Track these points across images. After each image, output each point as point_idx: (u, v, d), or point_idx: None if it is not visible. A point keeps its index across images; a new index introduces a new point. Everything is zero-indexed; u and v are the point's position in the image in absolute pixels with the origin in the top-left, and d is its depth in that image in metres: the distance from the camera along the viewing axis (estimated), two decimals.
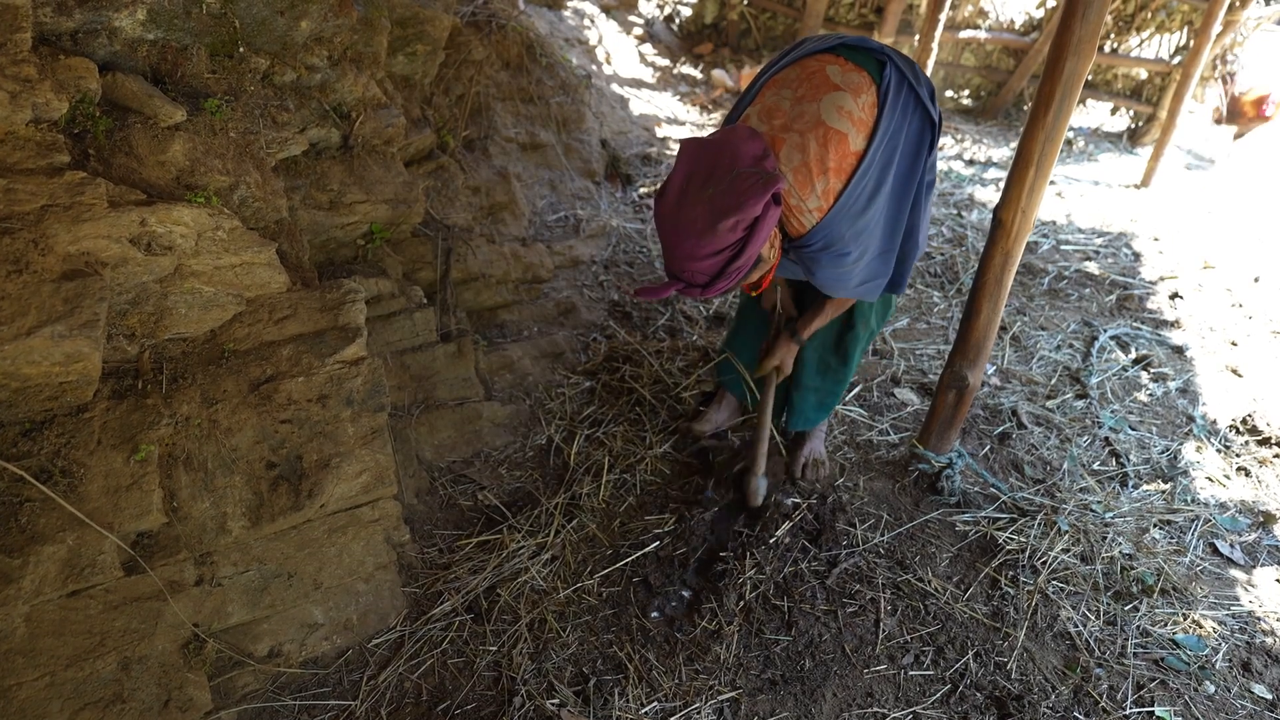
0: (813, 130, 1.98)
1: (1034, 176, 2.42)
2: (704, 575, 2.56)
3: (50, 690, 1.76)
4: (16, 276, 1.66)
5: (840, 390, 2.88)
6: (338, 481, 2.19)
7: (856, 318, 2.68)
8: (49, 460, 1.82)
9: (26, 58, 1.76)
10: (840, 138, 1.99)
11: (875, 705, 2.21)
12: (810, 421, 2.94)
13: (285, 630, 2.19)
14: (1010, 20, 8.28)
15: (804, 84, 2.06)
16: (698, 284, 1.99)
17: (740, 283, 2.07)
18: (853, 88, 2.02)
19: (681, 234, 1.92)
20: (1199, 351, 4.06)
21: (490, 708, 2.16)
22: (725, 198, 1.87)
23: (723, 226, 1.86)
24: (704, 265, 1.93)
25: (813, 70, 2.07)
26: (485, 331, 3.59)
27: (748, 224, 1.88)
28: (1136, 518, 2.87)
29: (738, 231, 1.88)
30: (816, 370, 2.83)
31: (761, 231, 1.90)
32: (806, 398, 2.87)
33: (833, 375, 2.83)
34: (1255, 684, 2.32)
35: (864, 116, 2.02)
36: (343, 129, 2.89)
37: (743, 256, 1.92)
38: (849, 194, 2.03)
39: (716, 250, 1.90)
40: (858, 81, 2.04)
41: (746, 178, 1.87)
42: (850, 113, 2.00)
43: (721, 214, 1.86)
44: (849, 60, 2.08)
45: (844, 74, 2.05)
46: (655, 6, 8.98)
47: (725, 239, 1.88)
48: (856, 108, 2.01)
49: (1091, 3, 2.21)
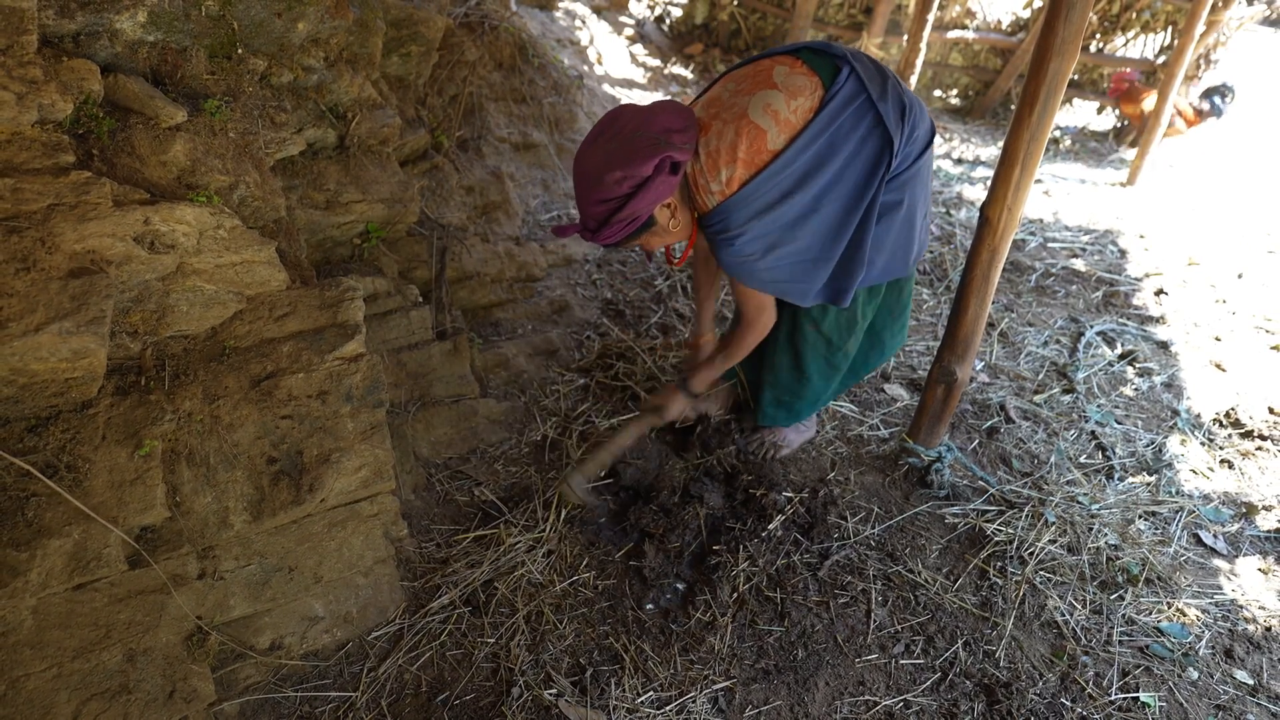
0: (735, 121, 2.10)
1: (1019, 175, 2.47)
2: (698, 568, 2.60)
3: (58, 681, 1.79)
4: (24, 274, 1.69)
5: (804, 395, 2.85)
6: (337, 476, 2.22)
7: (802, 317, 2.66)
8: (55, 455, 1.84)
9: (32, 59, 1.79)
10: (758, 133, 2.09)
11: (867, 693, 2.26)
12: (770, 418, 2.97)
13: (286, 623, 2.22)
14: (997, 20, 8.36)
15: (748, 80, 2.17)
16: (589, 228, 2.17)
17: (631, 237, 2.19)
18: (790, 90, 2.12)
19: (579, 178, 2.12)
20: (1183, 346, 4.12)
21: (489, 698, 2.19)
22: (619, 153, 2.03)
23: (609, 178, 2.03)
24: (593, 211, 2.11)
25: (762, 69, 2.19)
26: (480, 329, 3.62)
27: (635, 182, 2.03)
28: (1122, 509, 2.92)
29: (624, 186, 2.03)
30: (770, 366, 2.86)
31: (648, 193, 2.04)
32: (764, 392, 2.92)
33: (787, 375, 2.82)
34: (1237, 670, 2.37)
35: (791, 119, 2.11)
36: (339, 129, 2.92)
37: (625, 209, 2.06)
38: (753, 185, 2.12)
39: (603, 199, 2.07)
40: (799, 85, 2.13)
41: (644, 139, 2.02)
42: (777, 112, 2.09)
43: (610, 166, 2.03)
44: (806, 64, 2.17)
45: (789, 76, 2.14)
46: (646, 7, 9.03)
47: (611, 190, 2.05)
48: (786, 109, 2.10)
49: (1075, 4, 2.25)
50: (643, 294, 4.13)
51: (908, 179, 2.32)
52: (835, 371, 2.80)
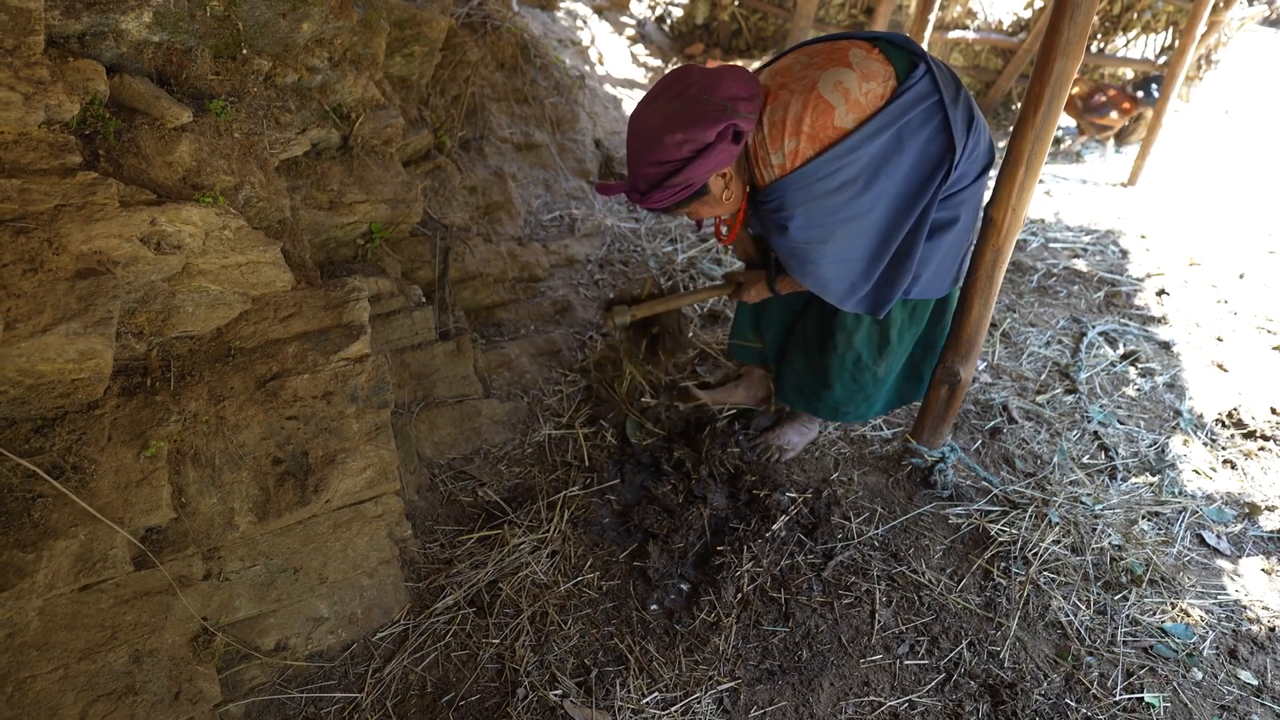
0: (804, 93, 2.01)
1: (1024, 175, 2.47)
2: (702, 568, 2.61)
3: (64, 682, 1.79)
4: (32, 275, 1.69)
5: (824, 399, 2.79)
6: (343, 477, 2.22)
7: (836, 325, 2.60)
8: (61, 456, 1.85)
9: (39, 60, 1.79)
10: (827, 108, 2.00)
11: (872, 694, 2.26)
12: (786, 398, 2.91)
13: (291, 624, 2.22)
14: (998, 21, 8.36)
15: (821, 55, 2.09)
16: (639, 189, 2.09)
17: (680, 205, 2.14)
18: (865, 73, 2.03)
19: (635, 135, 2.04)
20: (1185, 347, 4.12)
21: (494, 699, 2.19)
22: (681, 114, 1.95)
23: (670, 139, 1.95)
24: (646, 172, 2.04)
25: (839, 47, 2.09)
26: (483, 330, 3.62)
27: (697, 146, 1.95)
28: (1125, 510, 2.92)
29: (683, 150, 1.96)
30: (800, 351, 2.78)
31: (708, 159, 1.97)
32: (787, 374, 2.87)
33: (813, 372, 2.76)
34: (1241, 670, 2.38)
35: (861, 100, 2.02)
36: (342, 129, 2.92)
37: (681, 174, 1.99)
38: (816, 164, 2.03)
39: (659, 161, 1.99)
40: (874, 70, 2.04)
41: (709, 104, 1.94)
42: (848, 90, 2.01)
43: (672, 127, 1.95)
44: (883, 53, 2.09)
45: (865, 58, 2.05)
46: (647, 7, 9.02)
47: (670, 153, 1.97)
48: (857, 89, 2.01)
49: (1080, 4, 2.25)
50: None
51: (965, 198, 2.26)
52: (861, 390, 2.72)
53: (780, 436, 3.04)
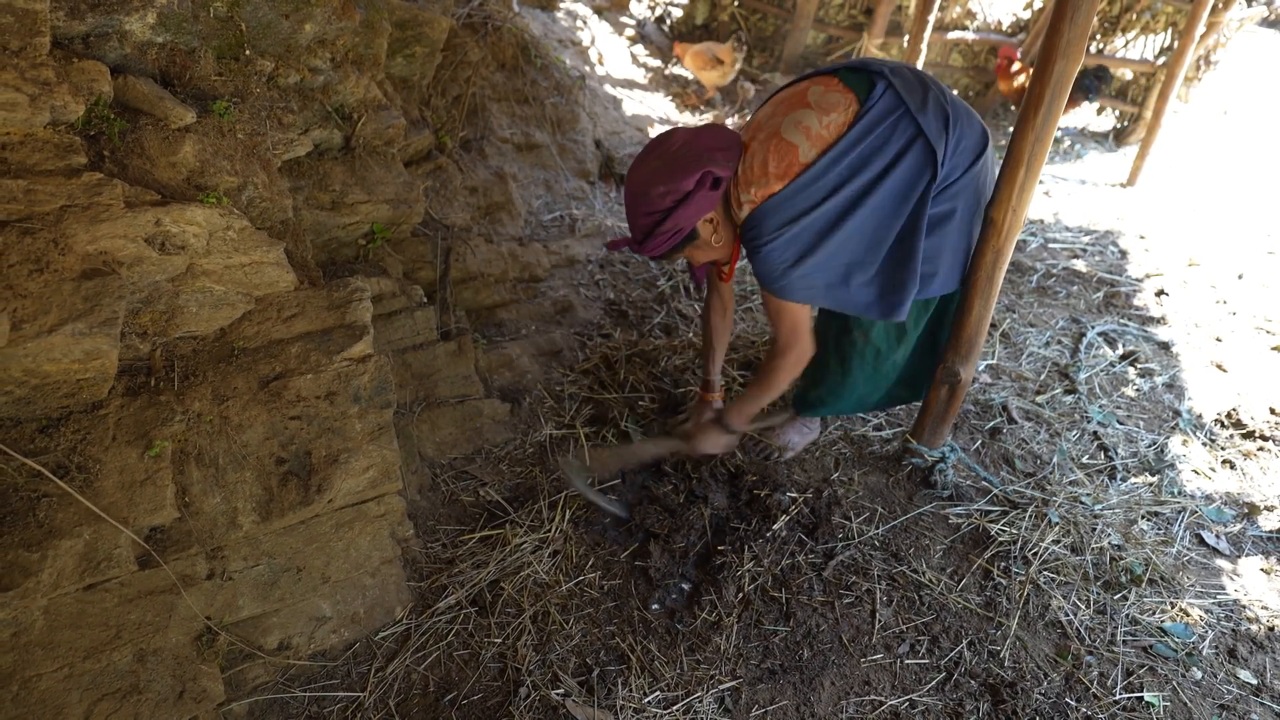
0: (769, 140, 2.21)
1: (1024, 176, 2.48)
2: (703, 568, 2.61)
3: (69, 681, 1.79)
4: (38, 275, 1.69)
5: (845, 394, 2.82)
6: (345, 477, 2.23)
7: (853, 323, 2.64)
8: (66, 456, 1.85)
9: (45, 61, 1.80)
10: (789, 148, 2.19)
11: (872, 693, 2.27)
12: (810, 410, 2.96)
13: (294, 623, 2.23)
14: (998, 21, 8.37)
15: (784, 102, 2.28)
16: (637, 240, 2.31)
17: (675, 249, 2.33)
18: (823, 107, 2.21)
19: (628, 193, 2.28)
20: (1184, 347, 4.13)
21: (496, 698, 2.20)
22: (664, 169, 2.19)
23: (654, 192, 2.18)
24: (640, 223, 2.26)
25: (799, 90, 2.29)
26: (484, 330, 3.63)
27: (677, 196, 2.17)
28: (1125, 509, 2.93)
29: (667, 200, 2.18)
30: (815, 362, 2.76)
31: (690, 206, 2.18)
32: (807, 389, 2.93)
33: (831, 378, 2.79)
34: (1241, 669, 2.39)
35: (823, 133, 2.19)
36: (344, 130, 2.93)
37: (668, 221, 2.20)
38: (784, 193, 2.19)
39: (648, 212, 2.22)
40: (833, 102, 2.21)
41: (687, 156, 2.18)
42: (808, 128, 2.19)
43: (656, 181, 2.18)
44: (843, 82, 2.24)
45: (823, 95, 2.24)
46: (647, 7, 9.03)
47: (656, 203, 2.19)
48: (818, 124, 2.19)
49: (1080, 6, 2.26)
50: (645, 294, 4.14)
51: (960, 189, 2.33)
52: (882, 378, 2.79)
53: (781, 437, 3.05)
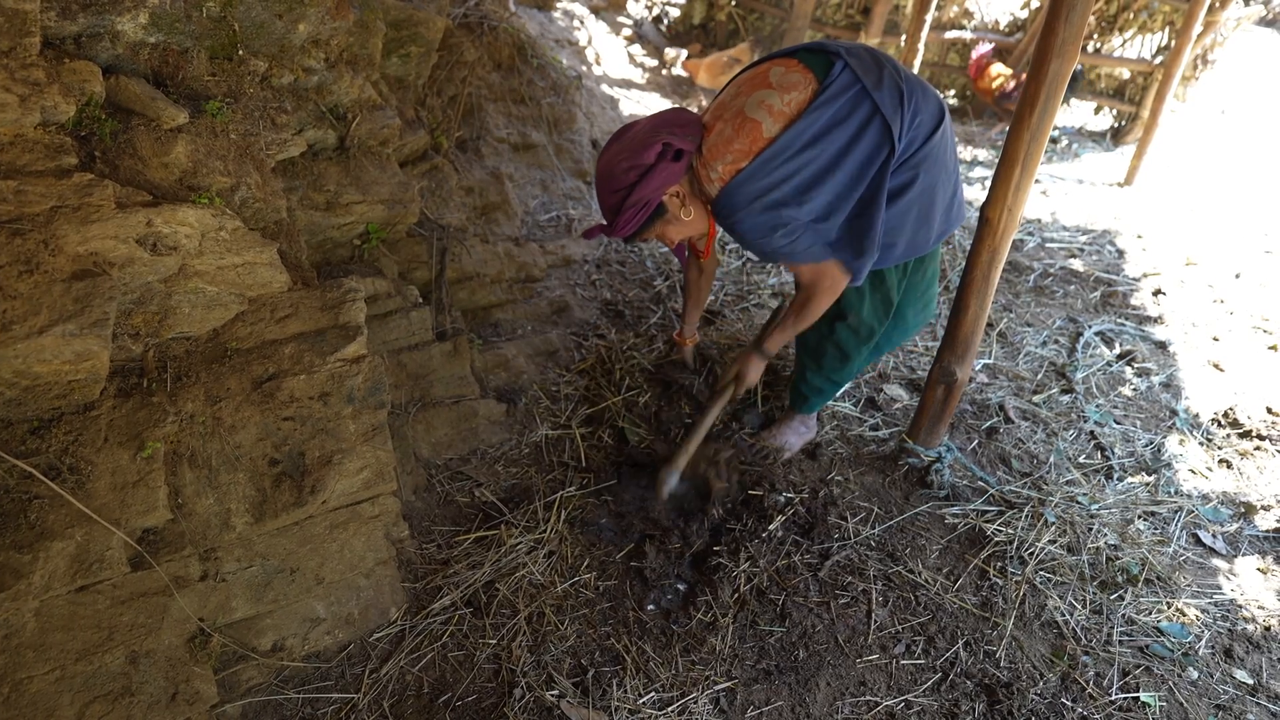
0: (733, 119, 2.27)
1: (1020, 175, 2.48)
2: (698, 568, 2.61)
3: (61, 683, 1.79)
4: (28, 276, 1.69)
5: (841, 378, 2.93)
6: (339, 478, 2.22)
7: (845, 306, 2.70)
8: (57, 457, 1.84)
9: (35, 61, 1.79)
10: (754, 125, 2.25)
11: (868, 694, 2.26)
12: (807, 407, 3.05)
13: (288, 625, 2.22)
14: (995, 20, 8.38)
15: (746, 83, 2.35)
16: (607, 220, 2.39)
17: (645, 226, 2.39)
18: (784, 86, 2.27)
19: (597, 178, 2.38)
20: (1181, 347, 4.13)
21: (491, 699, 2.19)
22: (625, 148, 2.30)
23: (618, 169, 2.29)
24: (608, 201, 2.35)
25: (761, 72, 2.34)
26: (480, 330, 3.62)
27: (640, 170, 2.27)
28: (1121, 509, 2.93)
29: (630, 175, 2.28)
30: (809, 356, 2.93)
31: (653, 178, 2.27)
32: (802, 387, 3.02)
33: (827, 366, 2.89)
34: (1237, 669, 2.38)
35: (785, 110, 2.25)
36: (339, 130, 2.92)
37: (633, 195, 2.28)
38: (752, 168, 2.26)
39: (615, 189, 2.31)
40: (793, 81, 2.27)
41: (649, 133, 2.28)
42: (771, 105, 2.25)
43: (619, 160, 2.29)
44: (802, 63, 2.30)
45: (784, 75, 2.29)
46: (644, 7, 9.03)
47: (620, 180, 2.29)
48: (780, 102, 2.25)
49: (1076, 5, 2.26)
50: (642, 294, 4.14)
51: (920, 159, 2.36)
52: (875, 350, 2.97)
53: (777, 437, 3.05)
